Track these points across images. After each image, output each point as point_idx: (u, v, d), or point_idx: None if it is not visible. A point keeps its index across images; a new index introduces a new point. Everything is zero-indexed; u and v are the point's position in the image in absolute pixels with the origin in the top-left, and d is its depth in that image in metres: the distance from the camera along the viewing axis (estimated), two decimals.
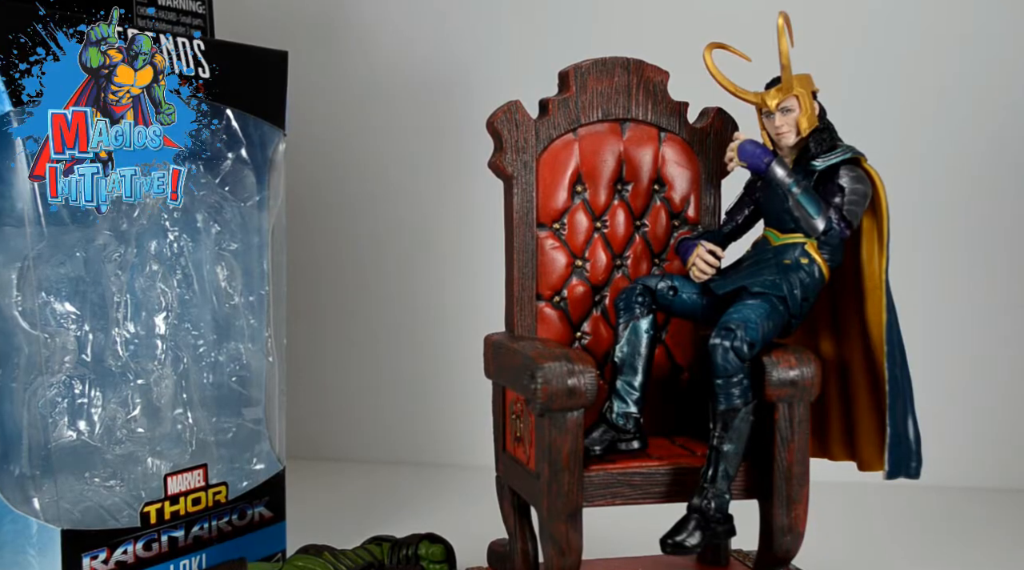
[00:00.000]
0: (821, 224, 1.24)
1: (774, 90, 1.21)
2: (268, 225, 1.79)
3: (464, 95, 2.26)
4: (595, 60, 1.10)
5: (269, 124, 1.76)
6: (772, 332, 1.30)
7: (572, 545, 1.31)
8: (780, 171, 1.18)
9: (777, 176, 1.18)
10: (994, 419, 2.28)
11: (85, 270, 1.57)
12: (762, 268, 1.30)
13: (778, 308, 1.29)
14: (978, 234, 2.28)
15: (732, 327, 1.26)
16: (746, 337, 1.25)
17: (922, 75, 2.28)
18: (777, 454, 1.33)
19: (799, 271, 1.30)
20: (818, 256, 1.31)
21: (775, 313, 1.29)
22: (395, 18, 2.28)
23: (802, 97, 1.21)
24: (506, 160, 1.13)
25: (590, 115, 1.12)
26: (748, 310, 1.27)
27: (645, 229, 1.21)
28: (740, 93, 1.20)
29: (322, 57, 2.24)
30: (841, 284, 1.39)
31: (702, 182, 1.23)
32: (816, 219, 1.23)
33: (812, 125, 1.24)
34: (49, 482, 1.51)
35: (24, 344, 1.51)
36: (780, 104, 1.21)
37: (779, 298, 1.29)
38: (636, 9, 2.26)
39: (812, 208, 1.22)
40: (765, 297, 1.29)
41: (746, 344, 1.26)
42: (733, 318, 1.28)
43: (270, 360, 1.81)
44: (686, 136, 1.20)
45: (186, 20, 1.68)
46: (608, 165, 1.16)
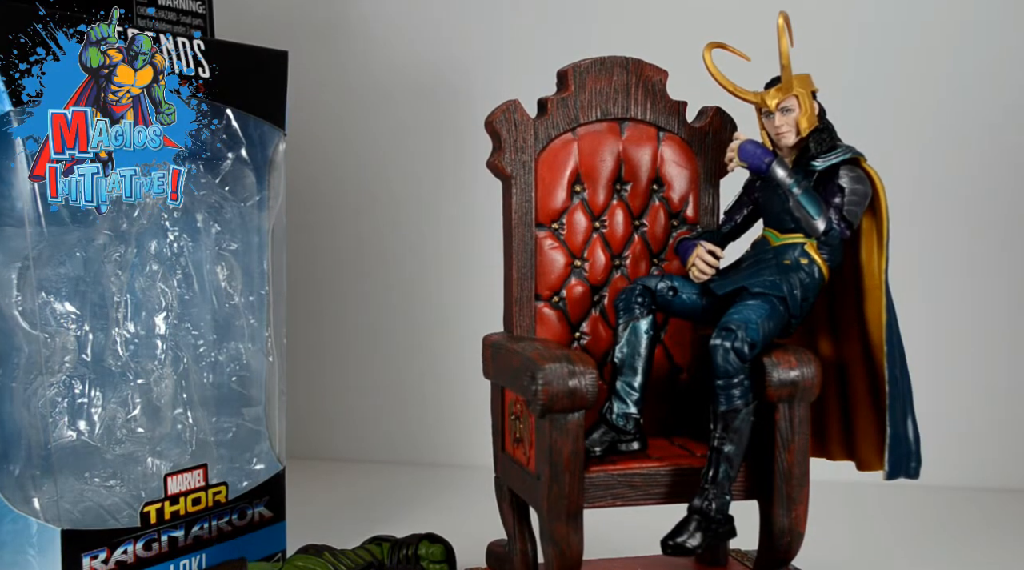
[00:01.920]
0: (822, 224, 1.24)
1: (774, 90, 1.21)
2: (268, 225, 1.79)
3: (464, 95, 2.26)
4: (594, 59, 1.10)
5: (269, 124, 1.76)
6: (773, 332, 1.30)
7: (573, 546, 1.31)
8: (781, 171, 1.18)
9: (778, 176, 1.18)
10: (994, 419, 2.28)
11: (85, 270, 1.57)
12: (762, 268, 1.30)
13: (778, 308, 1.29)
14: (978, 234, 2.28)
15: (733, 328, 1.26)
16: (747, 338, 1.25)
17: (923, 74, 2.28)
18: (777, 455, 1.32)
19: (799, 271, 1.30)
20: (818, 256, 1.31)
21: (775, 313, 1.29)
22: (395, 18, 2.28)
23: (802, 97, 1.21)
24: (505, 160, 1.13)
25: (589, 115, 1.12)
26: (748, 311, 1.27)
27: (644, 229, 1.21)
28: (740, 93, 1.20)
29: (322, 57, 2.24)
30: (841, 284, 1.39)
31: (701, 182, 1.23)
32: (817, 219, 1.23)
33: (812, 125, 1.24)
34: (49, 482, 1.51)
35: (24, 344, 1.51)
36: (780, 104, 1.21)
37: (779, 298, 1.29)
38: (637, 9, 2.26)
39: (813, 208, 1.22)
40: (765, 297, 1.29)
41: (747, 345, 1.25)
42: (733, 319, 1.28)
43: (270, 360, 1.81)
44: (685, 135, 1.20)
45: (186, 20, 1.68)
46: (607, 165, 1.16)
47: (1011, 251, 2.27)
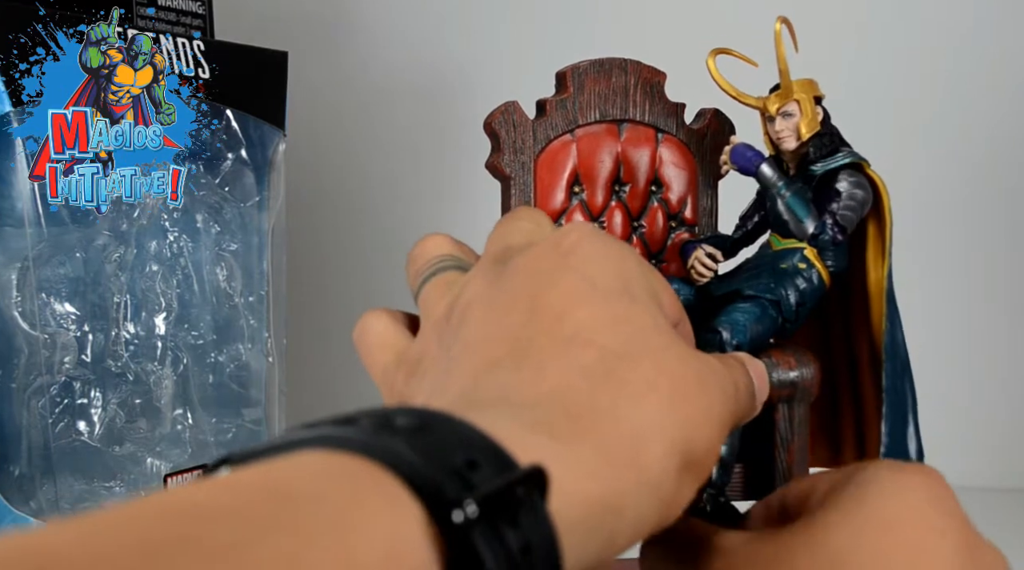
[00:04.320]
0: (810, 226, 1.22)
1: (775, 95, 1.20)
2: (268, 225, 1.79)
3: (466, 95, 2.26)
4: (592, 61, 1.10)
5: (269, 124, 1.76)
6: (762, 335, 1.29)
7: None
8: (769, 173, 1.17)
9: (766, 177, 1.17)
10: (994, 419, 2.28)
11: (85, 270, 1.57)
12: (760, 272, 1.29)
13: (769, 312, 1.27)
14: (978, 234, 2.28)
15: (719, 329, 1.26)
16: (731, 340, 1.24)
17: (922, 75, 2.28)
18: (777, 455, 1.32)
19: (796, 276, 1.29)
20: (818, 262, 1.29)
21: (765, 317, 1.28)
22: (396, 18, 2.28)
23: (803, 102, 1.20)
24: (503, 161, 1.13)
25: (587, 116, 1.12)
26: (738, 313, 1.26)
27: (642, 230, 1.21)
28: (743, 98, 1.19)
29: (322, 57, 2.24)
30: (850, 291, 1.37)
31: (699, 183, 1.22)
32: (805, 222, 1.22)
33: (813, 130, 1.22)
34: (49, 482, 1.51)
35: (24, 345, 1.51)
36: (780, 109, 1.20)
37: (771, 302, 1.27)
38: (639, 9, 2.26)
39: (801, 210, 1.21)
40: (756, 301, 1.28)
41: (730, 347, 1.25)
42: (722, 320, 1.27)
43: (270, 360, 1.81)
44: (683, 137, 1.20)
45: (186, 20, 1.68)
46: (605, 166, 1.15)
47: (1012, 250, 2.27)
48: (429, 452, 0.51)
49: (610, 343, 0.68)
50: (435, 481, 0.49)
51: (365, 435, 0.53)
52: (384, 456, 0.50)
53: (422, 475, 0.49)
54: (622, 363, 0.67)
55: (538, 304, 0.71)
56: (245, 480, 0.49)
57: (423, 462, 0.50)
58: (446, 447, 0.52)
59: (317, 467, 0.50)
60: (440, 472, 0.49)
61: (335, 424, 0.56)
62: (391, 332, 0.91)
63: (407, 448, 0.50)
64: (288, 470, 0.50)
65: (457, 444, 0.52)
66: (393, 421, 0.54)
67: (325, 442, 0.53)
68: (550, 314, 0.70)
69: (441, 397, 0.71)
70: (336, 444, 0.51)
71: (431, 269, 0.90)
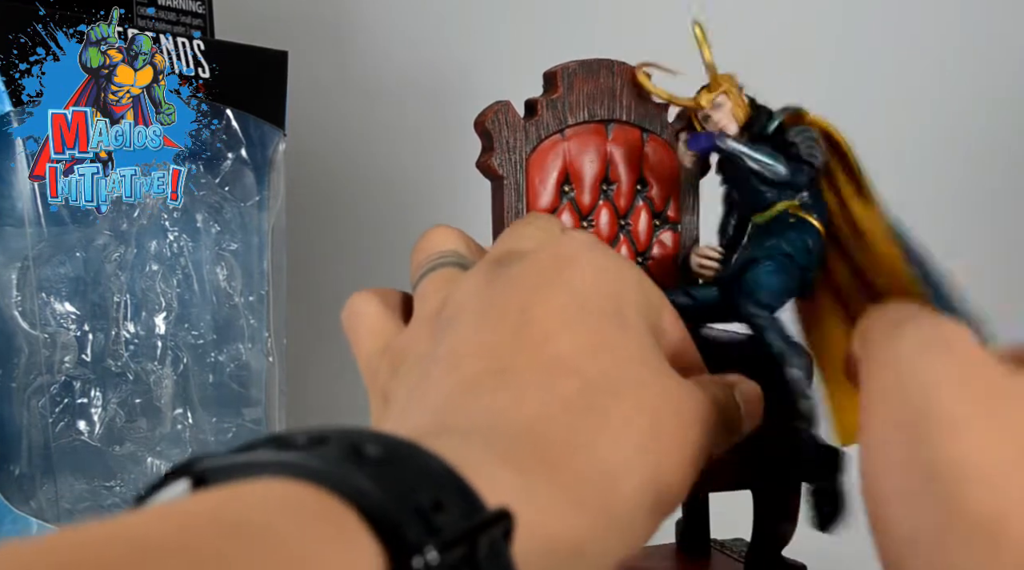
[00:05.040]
0: (783, 167, 1.22)
1: (704, 90, 1.22)
2: (268, 225, 1.79)
3: (466, 95, 2.26)
4: (581, 61, 1.10)
5: (269, 124, 1.76)
6: (788, 284, 1.28)
7: None
8: (730, 140, 1.18)
9: (729, 145, 1.17)
10: None
11: (85, 270, 1.58)
12: (760, 240, 1.29)
13: (785, 263, 1.27)
14: (979, 234, 2.28)
15: (747, 290, 1.26)
16: (758, 291, 1.24)
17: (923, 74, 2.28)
18: None
19: (792, 229, 1.29)
20: (802, 212, 1.29)
21: (785, 267, 1.27)
22: (396, 18, 2.28)
23: (730, 92, 1.21)
24: (496, 161, 1.13)
25: (577, 116, 1.12)
26: (757, 271, 1.26)
27: (629, 228, 1.22)
28: (676, 100, 1.21)
29: (322, 57, 2.25)
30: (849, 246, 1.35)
31: (681, 182, 1.23)
32: (776, 165, 1.21)
33: (745, 110, 1.24)
34: (49, 482, 1.52)
35: (24, 344, 1.52)
36: (712, 101, 1.22)
37: (784, 255, 1.27)
38: (639, 10, 2.26)
39: (768, 157, 1.20)
40: (771, 258, 1.28)
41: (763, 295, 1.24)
42: (746, 279, 1.27)
43: (270, 360, 1.81)
44: (667, 137, 1.21)
45: (186, 20, 1.69)
46: (594, 166, 1.16)
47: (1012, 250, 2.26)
48: (394, 488, 0.49)
49: (593, 374, 0.68)
50: (397, 522, 0.48)
51: (330, 465, 0.50)
52: (347, 491, 0.49)
53: (385, 514, 0.48)
54: (603, 397, 0.67)
55: (526, 319, 0.71)
56: (195, 510, 0.47)
57: (387, 499, 0.48)
58: (413, 484, 0.50)
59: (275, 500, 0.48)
60: (403, 512, 0.48)
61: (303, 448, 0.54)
62: (381, 319, 0.91)
63: (372, 484, 0.49)
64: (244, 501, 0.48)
65: (424, 481, 0.51)
66: (362, 449, 0.51)
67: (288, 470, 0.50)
68: (536, 334, 0.70)
69: (419, 404, 0.71)
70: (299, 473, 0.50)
71: (431, 264, 0.90)
